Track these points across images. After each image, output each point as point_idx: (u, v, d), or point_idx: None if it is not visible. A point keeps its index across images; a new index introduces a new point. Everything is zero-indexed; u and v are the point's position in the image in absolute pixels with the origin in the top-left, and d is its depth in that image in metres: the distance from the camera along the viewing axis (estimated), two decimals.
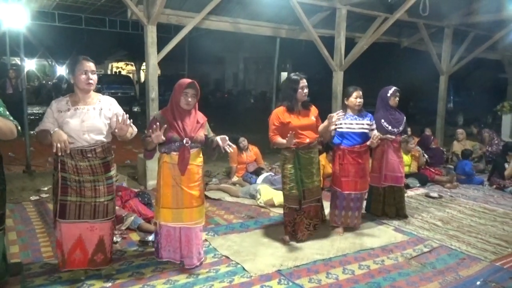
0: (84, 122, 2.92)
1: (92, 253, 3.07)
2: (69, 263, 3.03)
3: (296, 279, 3.15)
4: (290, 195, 3.79)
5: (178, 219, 3.20)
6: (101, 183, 3.04)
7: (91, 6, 9.42)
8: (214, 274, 3.22)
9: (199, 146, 3.29)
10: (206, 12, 6.02)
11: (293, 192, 3.77)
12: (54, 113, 2.92)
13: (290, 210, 3.84)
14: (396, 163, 4.54)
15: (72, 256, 3.03)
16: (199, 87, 3.22)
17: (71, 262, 3.03)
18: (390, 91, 4.56)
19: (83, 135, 2.91)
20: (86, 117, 2.94)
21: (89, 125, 2.94)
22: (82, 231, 3.02)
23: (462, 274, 3.34)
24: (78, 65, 2.93)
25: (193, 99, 3.19)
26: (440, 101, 9.55)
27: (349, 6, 7.29)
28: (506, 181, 6.09)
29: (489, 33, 9.46)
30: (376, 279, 3.22)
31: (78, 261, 3.05)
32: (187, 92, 3.16)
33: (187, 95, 3.16)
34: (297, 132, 3.68)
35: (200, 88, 3.24)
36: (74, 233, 3.00)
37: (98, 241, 3.08)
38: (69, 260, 3.02)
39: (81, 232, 3.02)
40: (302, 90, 3.74)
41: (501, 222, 4.66)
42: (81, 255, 3.04)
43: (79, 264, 3.05)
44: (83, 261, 3.06)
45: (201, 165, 3.33)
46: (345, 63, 7.45)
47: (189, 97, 3.16)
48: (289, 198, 3.81)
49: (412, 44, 10.14)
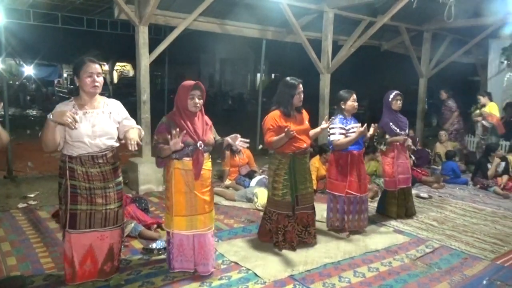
0: (95, 127, 2.80)
1: (102, 263, 2.96)
2: (80, 275, 2.90)
3: (310, 284, 3.14)
4: (283, 201, 3.69)
5: (192, 226, 3.12)
6: (111, 190, 2.93)
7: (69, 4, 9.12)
8: (227, 281, 3.16)
9: (210, 150, 3.22)
10: (198, 13, 5.94)
11: (287, 198, 3.69)
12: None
13: (280, 216, 3.73)
14: (406, 165, 4.68)
15: (83, 268, 2.90)
16: (204, 88, 3.15)
17: (81, 274, 2.91)
18: (391, 95, 4.64)
19: (94, 140, 2.79)
20: (96, 121, 2.82)
21: (101, 130, 2.82)
22: (92, 240, 2.90)
23: (468, 274, 3.43)
24: (83, 68, 2.80)
25: (200, 100, 3.12)
26: (420, 103, 9.82)
27: (336, 10, 7.38)
28: (489, 180, 6.32)
29: (464, 37, 9.83)
30: (387, 281, 3.25)
31: (89, 273, 2.93)
32: (193, 94, 3.08)
33: (194, 97, 3.08)
34: (295, 138, 3.62)
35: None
36: (85, 243, 2.88)
37: (108, 250, 2.97)
38: (79, 273, 2.90)
39: (92, 241, 2.90)
40: (299, 95, 3.68)
41: (492, 221, 4.82)
42: (92, 266, 2.92)
43: (89, 276, 2.93)
44: (93, 272, 2.94)
45: (211, 169, 3.27)
46: (332, 65, 7.53)
47: (196, 98, 3.08)
48: (282, 204, 3.71)
49: (392, 48, 10.38)
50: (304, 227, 3.86)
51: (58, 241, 3.82)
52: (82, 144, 2.78)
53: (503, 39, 9.51)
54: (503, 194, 5.95)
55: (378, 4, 7.50)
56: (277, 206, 3.75)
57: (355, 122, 4.11)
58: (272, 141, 3.62)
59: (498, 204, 5.54)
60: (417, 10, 7.54)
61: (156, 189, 5.65)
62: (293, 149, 3.66)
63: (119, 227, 3.03)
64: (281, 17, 7.66)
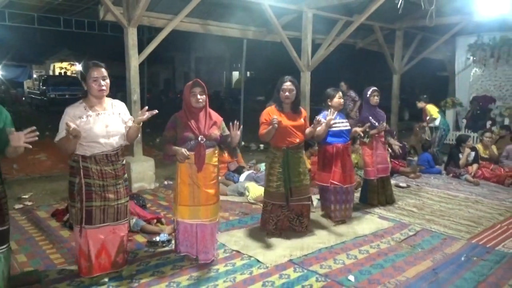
0: (108, 127, 2.96)
1: (114, 255, 3.13)
2: (96, 268, 3.06)
3: (309, 267, 3.41)
4: (277, 192, 3.93)
5: (194, 216, 3.34)
6: (121, 185, 3.10)
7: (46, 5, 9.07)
8: (232, 267, 3.39)
9: (214, 145, 3.43)
10: (184, 14, 6.10)
11: (280, 190, 3.93)
12: (74, 120, 2.86)
13: (274, 206, 3.99)
14: (384, 156, 5.06)
15: (98, 261, 3.06)
16: (204, 85, 3.36)
17: (97, 267, 3.07)
18: (369, 91, 4.97)
19: (108, 139, 2.95)
20: (109, 122, 2.97)
21: (114, 130, 2.98)
22: (105, 234, 3.06)
23: (447, 252, 3.79)
24: (88, 73, 2.91)
25: (203, 96, 3.32)
26: (394, 99, 10.30)
27: (314, 10, 7.68)
28: (461, 169, 6.79)
29: (433, 35, 10.36)
30: (378, 261, 3.57)
31: (103, 266, 3.09)
32: (194, 91, 3.30)
33: (196, 94, 3.30)
34: (288, 132, 3.88)
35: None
36: (99, 237, 3.04)
37: (119, 243, 3.14)
38: (95, 266, 3.06)
39: (105, 236, 3.06)
40: (283, 92, 3.89)
41: (465, 206, 5.25)
42: (106, 259, 3.09)
43: (104, 268, 3.10)
44: (107, 264, 3.11)
45: (217, 164, 3.48)
46: (312, 63, 7.84)
47: (197, 94, 3.30)
48: (276, 195, 3.95)
49: (366, 45, 10.80)
50: (297, 216, 4.11)
51: (63, 238, 3.95)
52: (97, 144, 2.93)
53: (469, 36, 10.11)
54: (473, 182, 6.42)
55: (355, 4, 7.86)
56: (271, 197, 4.00)
57: (341, 118, 4.41)
58: (262, 133, 3.87)
59: (470, 191, 5.99)
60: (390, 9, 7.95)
61: (149, 186, 5.80)
62: (287, 143, 3.91)
63: (127, 220, 3.22)
64: (261, 17, 7.92)
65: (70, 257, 3.51)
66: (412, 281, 3.23)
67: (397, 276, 3.30)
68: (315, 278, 3.22)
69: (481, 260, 3.62)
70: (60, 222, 4.32)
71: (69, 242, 3.83)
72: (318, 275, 3.27)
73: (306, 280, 3.20)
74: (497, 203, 5.38)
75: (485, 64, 10.46)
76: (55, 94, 17.25)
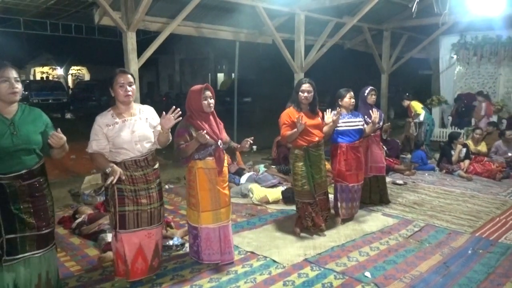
0: (135, 133, 2.98)
1: (151, 259, 3.16)
2: (133, 273, 3.09)
3: (325, 265, 3.49)
4: (303, 191, 4.06)
5: (218, 219, 3.37)
6: (154, 190, 3.12)
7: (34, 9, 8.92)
8: (250, 268, 3.43)
9: (226, 147, 3.48)
10: (182, 17, 6.12)
11: (305, 187, 4.05)
12: (102, 128, 2.93)
13: (303, 204, 4.12)
14: (379, 155, 5.10)
15: (135, 266, 3.09)
16: (212, 89, 3.41)
17: (134, 272, 3.10)
18: (367, 90, 5.07)
19: (135, 145, 2.97)
20: (135, 128, 2.99)
21: (140, 135, 3.00)
22: (141, 239, 3.08)
23: (454, 246, 3.92)
24: (114, 79, 2.97)
25: (212, 100, 3.36)
26: (382, 98, 10.51)
27: (306, 12, 7.81)
28: (454, 165, 6.99)
29: (418, 35, 10.64)
30: (390, 257, 3.66)
31: (141, 270, 3.13)
32: (206, 96, 3.32)
33: (207, 98, 3.32)
34: (307, 131, 3.99)
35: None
36: (135, 242, 3.06)
37: (155, 246, 3.18)
38: (132, 270, 3.08)
39: (140, 240, 3.08)
40: (302, 93, 4.02)
41: (463, 201, 5.42)
42: (143, 264, 3.13)
43: (141, 273, 3.13)
44: (144, 269, 3.14)
45: (227, 165, 3.53)
46: (306, 65, 7.95)
47: (209, 99, 3.33)
48: (302, 194, 4.08)
49: (354, 46, 11.00)
50: (320, 210, 4.22)
51: (74, 245, 3.93)
52: (124, 150, 2.95)
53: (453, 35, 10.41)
54: (466, 177, 6.63)
55: (344, 5, 8.01)
56: (299, 195, 4.12)
57: (353, 117, 4.51)
58: (286, 135, 3.97)
59: (464, 186, 6.19)
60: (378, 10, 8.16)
61: None
62: (307, 142, 4.01)
63: (161, 224, 3.25)
64: (253, 20, 8.00)
65: (86, 264, 3.50)
66: (426, 275, 3.33)
67: (410, 271, 3.40)
68: (333, 276, 3.29)
69: (487, 253, 3.76)
70: (68, 230, 4.28)
71: (82, 249, 3.81)
72: (335, 273, 3.34)
73: (324, 278, 3.27)
74: (492, 197, 5.57)
75: (468, 63, 10.76)
76: (38, 99, 16.92)
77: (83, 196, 5.23)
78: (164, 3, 6.58)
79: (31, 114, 2.60)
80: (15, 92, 2.47)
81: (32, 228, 2.57)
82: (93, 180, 5.50)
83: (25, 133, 2.50)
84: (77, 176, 6.57)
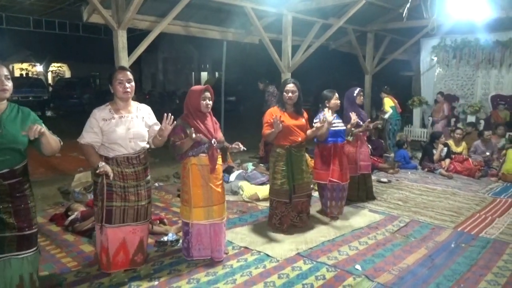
0: (130, 130, 3.03)
1: (133, 254, 3.23)
2: (114, 265, 3.17)
3: (317, 259, 3.62)
4: (281, 190, 4.12)
5: (209, 216, 3.44)
6: (143, 187, 3.18)
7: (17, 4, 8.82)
8: (245, 263, 3.53)
9: (221, 146, 3.56)
10: (172, 16, 6.14)
11: (285, 187, 4.12)
12: (99, 122, 2.98)
13: (279, 203, 4.18)
14: (367, 153, 5.30)
15: (116, 258, 3.17)
16: (212, 91, 3.49)
17: (115, 264, 3.17)
18: (356, 91, 5.23)
19: (129, 142, 3.03)
20: (131, 125, 3.05)
21: (135, 133, 3.06)
22: (125, 234, 3.14)
23: (438, 240, 4.11)
24: (114, 76, 3.04)
25: (211, 102, 3.45)
26: (366, 98, 10.71)
27: (293, 13, 7.93)
28: (435, 164, 7.25)
29: (400, 37, 10.91)
30: (378, 251, 3.82)
31: (121, 263, 3.20)
32: (205, 97, 3.41)
33: (206, 99, 3.41)
34: (291, 131, 4.09)
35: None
36: (119, 236, 3.12)
37: (138, 243, 3.23)
38: (113, 262, 3.16)
39: (125, 235, 3.14)
40: (286, 93, 4.11)
41: (444, 198, 5.65)
42: (124, 257, 3.20)
43: (121, 265, 3.20)
44: (125, 262, 3.21)
45: (222, 164, 3.62)
46: (293, 65, 8.08)
47: (207, 100, 3.42)
48: (280, 193, 4.15)
49: (338, 47, 11.19)
50: (298, 213, 4.31)
51: (68, 242, 3.94)
52: (118, 147, 3.01)
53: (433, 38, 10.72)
54: (447, 175, 6.89)
55: (330, 7, 8.18)
56: (276, 194, 4.18)
57: (337, 118, 4.64)
58: (265, 133, 4.04)
59: (446, 184, 6.43)
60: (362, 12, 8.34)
61: None
62: (290, 142, 4.10)
63: (148, 221, 3.29)
64: (240, 20, 8.08)
65: (82, 260, 3.53)
66: (413, 267, 3.49)
67: (398, 263, 3.56)
68: (326, 269, 3.43)
69: (469, 246, 3.96)
70: (61, 227, 4.29)
71: (77, 246, 3.84)
72: (327, 266, 3.48)
73: (317, 271, 3.39)
74: (472, 195, 5.82)
75: (448, 65, 11.12)
76: (17, 96, 16.57)
77: (74, 194, 5.22)
78: (154, 2, 6.59)
79: (20, 114, 2.51)
80: (5, 90, 2.41)
81: (12, 228, 2.51)
82: (83, 178, 5.50)
83: (12, 132, 2.42)
84: (64, 174, 6.53)
